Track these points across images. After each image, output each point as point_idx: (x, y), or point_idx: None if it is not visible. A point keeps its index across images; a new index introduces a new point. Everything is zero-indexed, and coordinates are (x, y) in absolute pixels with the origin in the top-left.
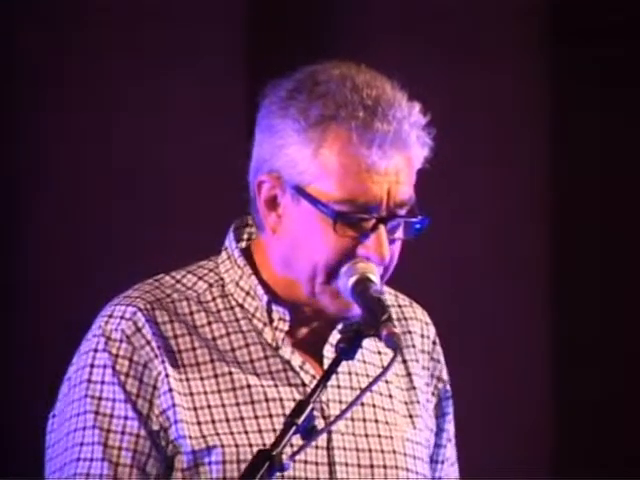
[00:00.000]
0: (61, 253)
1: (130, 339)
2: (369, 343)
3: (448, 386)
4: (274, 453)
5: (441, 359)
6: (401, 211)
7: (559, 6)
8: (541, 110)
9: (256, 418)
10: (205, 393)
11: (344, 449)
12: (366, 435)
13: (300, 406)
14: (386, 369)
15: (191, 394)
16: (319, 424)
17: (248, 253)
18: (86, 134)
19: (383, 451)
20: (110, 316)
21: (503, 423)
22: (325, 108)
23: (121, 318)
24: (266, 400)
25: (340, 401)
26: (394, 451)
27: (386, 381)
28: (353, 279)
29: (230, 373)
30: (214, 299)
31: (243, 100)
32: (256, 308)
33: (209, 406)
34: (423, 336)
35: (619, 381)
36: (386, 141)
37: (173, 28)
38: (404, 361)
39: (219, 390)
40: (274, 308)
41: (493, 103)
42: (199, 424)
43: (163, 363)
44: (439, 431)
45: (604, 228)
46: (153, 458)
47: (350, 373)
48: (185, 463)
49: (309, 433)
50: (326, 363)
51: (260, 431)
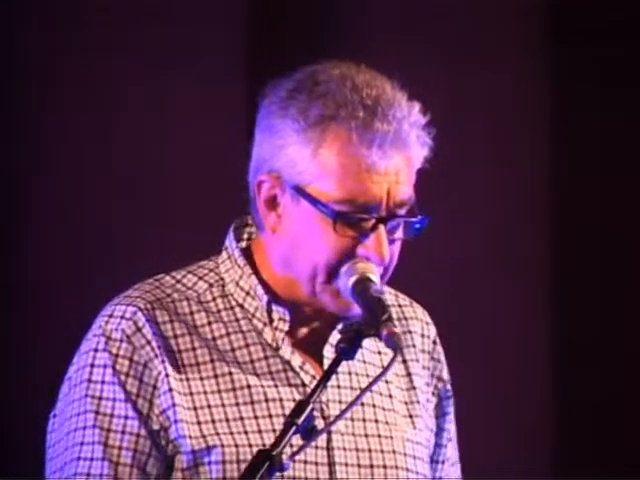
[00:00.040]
0: (61, 253)
1: (130, 339)
2: (369, 343)
3: (449, 386)
4: (274, 453)
5: (441, 359)
6: (401, 211)
7: (559, 6)
8: (541, 110)
9: (256, 418)
10: (205, 393)
11: (344, 449)
12: (366, 435)
13: (300, 406)
14: (386, 369)
15: (191, 394)
16: (319, 424)
17: (248, 253)
18: (86, 134)
19: (383, 451)
20: (110, 316)
21: (503, 423)
22: (325, 108)
23: (121, 318)
24: (266, 400)
25: (340, 401)
26: (394, 451)
27: (386, 381)
28: (353, 279)
29: (230, 373)
30: (214, 299)
31: (243, 100)
32: (256, 308)
33: (209, 406)
34: (423, 336)
35: (619, 381)
36: (386, 141)
37: (173, 28)
38: (404, 361)
39: (219, 390)
40: (274, 308)
41: (493, 103)
42: (199, 424)
43: (163, 363)
44: (439, 431)
45: (604, 228)
46: (153, 458)
47: (350, 373)
48: (185, 463)
49: (309, 433)
50: (326, 363)
51: (260, 431)
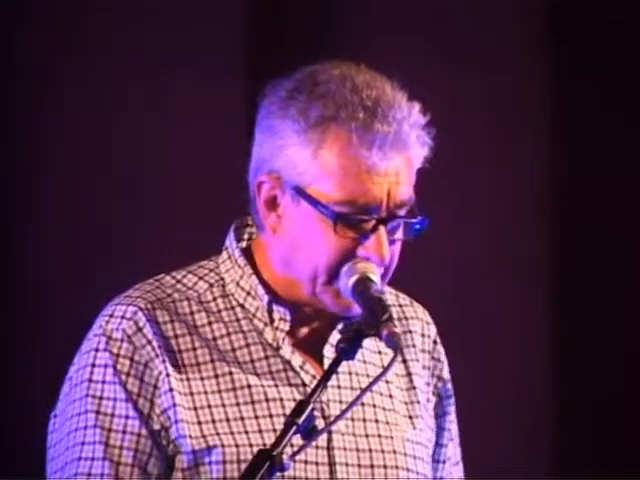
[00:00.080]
0: (61, 253)
1: (131, 338)
2: (369, 343)
3: (449, 385)
4: (274, 453)
5: (442, 358)
6: (401, 212)
7: (559, 6)
8: (541, 110)
9: (256, 418)
10: (205, 393)
11: (344, 449)
12: (366, 435)
13: (300, 406)
14: (386, 369)
15: (191, 394)
16: (319, 424)
17: (249, 253)
18: (86, 134)
19: (383, 451)
20: (111, 316)
21: (503, 423)
22: (325, 109)
23: (122, 318)
24: (266, 400)
25: (340, 401)
26: (394, 451)
27: (386, 381)
28: (354, 279)
29: (230, 373)
30: (215, 299)
31: (243, 100)
32: (257, 308)
33: (209, 406)
34: (424, 335)
35: (619, 381)
36: (386, 142)
37: (173, 28)
38: (404, 361)
39: (219, 390)
40: (275, 308)
41: (493, 103)
42: (199, 424)
43: (164, 363)
44: (440, 430)
45: (604, 228)
46: (154, 457)
47: (350, 373)
48: (185, 463)
49: (309, 433)
50: (326, 363)
51: (260, 431)
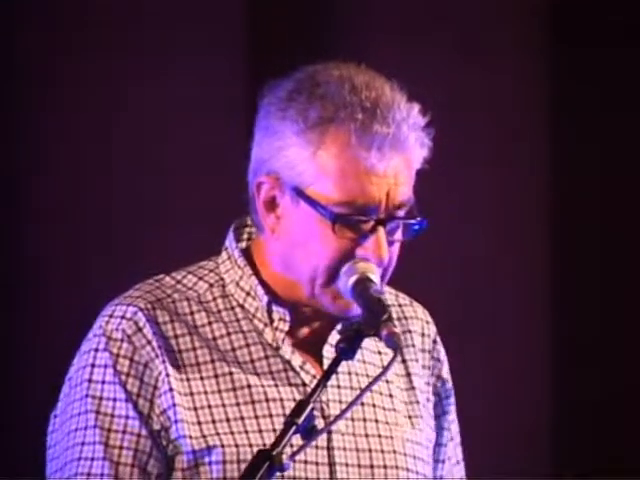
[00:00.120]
0: (61, 253)
1: (131, 339)
2: (369, 343)
3: (449, 385)
4: (274, 453)
5: (442, 357)
6: (400, 213)
7: (559, 6)
8: (541, 110)
9: (256, 418)
10: (205, 393)
11: (344, 449)
12: (366, 435)
13: (300, 406)
14: (386, 369)
15: (191, 394)
16: (319, 424)
17: (248, 253)
18: (86, 134)
19: (383, 451)
20: (111, 316)
21: (503, 423)
22: (324, 110)
23: (122, 318)
24: (266, 400)
25: (340, 401)
26: (394, 451)
27: (386, 381)
28: (353, 279)
29: (230, 373)
30: (215, 299)
31: (243, 100)
32: (256, 308)
33: (209, 406)
34: (423, 335)
35: (619, 381)
36: (385, 143)
37: (173, 28)
38: (404, 361)
39: (219, 390)
40: (274, 308)
41: (493, 103)
42: (199, 424)
43: (164, 363)
44: (440, 430)
45: (604, 228)
46: (154, 458)
47: (350, 373)
48: (185, 463)
49: (309, 433)
50: (326, 363)
51: (260, 431)
